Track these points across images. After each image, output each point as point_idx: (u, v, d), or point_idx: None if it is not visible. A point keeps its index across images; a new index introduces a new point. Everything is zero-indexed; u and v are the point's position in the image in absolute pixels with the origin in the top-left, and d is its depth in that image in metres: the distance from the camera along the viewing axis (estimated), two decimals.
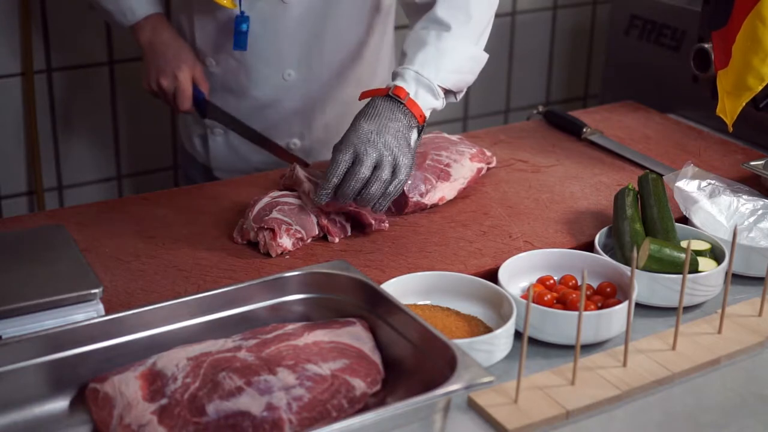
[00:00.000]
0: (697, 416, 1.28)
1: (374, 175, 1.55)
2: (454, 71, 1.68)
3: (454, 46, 1.68)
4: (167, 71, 1.90)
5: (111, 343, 1.24)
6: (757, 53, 1.70)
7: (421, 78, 1.64)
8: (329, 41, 1.94)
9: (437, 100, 1.66)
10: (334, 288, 1.35)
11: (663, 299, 1.48)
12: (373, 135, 1.56)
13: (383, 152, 1.55)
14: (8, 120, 2.32)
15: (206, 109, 1.95)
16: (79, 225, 1.65)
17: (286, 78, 1.95)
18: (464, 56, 1.70)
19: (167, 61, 1.90)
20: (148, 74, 1.93)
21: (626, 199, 1.62)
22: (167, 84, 1.90)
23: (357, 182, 1.54)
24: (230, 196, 1.78)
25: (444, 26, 1.68)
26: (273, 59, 1.93)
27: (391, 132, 1.58)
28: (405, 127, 1.60)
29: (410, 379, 1.23)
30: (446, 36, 1.68)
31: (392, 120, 1.59)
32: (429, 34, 1.68)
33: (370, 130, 1.57)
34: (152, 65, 1.92)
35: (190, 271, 1.53)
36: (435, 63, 1.65)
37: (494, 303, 1.42)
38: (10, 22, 2.25)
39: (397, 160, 1.57)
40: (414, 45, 1.68)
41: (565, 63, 3.03)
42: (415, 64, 1.65)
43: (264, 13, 1.87)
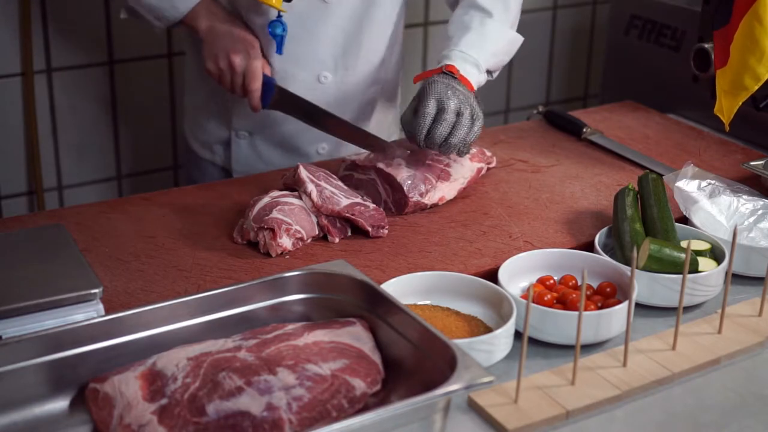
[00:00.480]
0: (697, 416, 1.28)
1: (458, 120, 1.69)
2: (495, 54, 1.86)
3: (496, 31, 1.86)
4: (239, 49, 1.82)
5: (111, 343, 1.24)
6: (753, 53, 1.70)
7: (466, 56, 1.80)
8: (365, 43, 1.94)
9: (481, 74, 1.83)
10: (334, 288, 1.34)
11: (663, 299, 1.48)
12: (450, 89, 1.71)
13: (462, 103, 1.71)
14: (8, 120, 2.32)
15: (272, 92, 1.84)
16: (79, 225, 1.65)
17: (322, 81, 1.94)
18: (504, 40, 1.88)
19: (237, 40, 1.83)
20: (215, 54, 1.84)
21: (626, 199, 1.62)
22: (239, 61, 1.81)
23: (445, 127, 1.68)
24: (230, 196, 1.78)
25: (486, 13, 1.86)
26: (310, 61, 1.91)
27: (460, 90, 1.73)
28: (467, 91, 1.75)
29: (410, 379, 1.23)
30: (489, 22, 1.86)
31: (456, 86, 1.74)
32: (472, 20, 1.86)
33: (445, 85, 1.71)
34: (219, 45, 1.83)
35: (190, 271, 1.53)
36: (479, 46, 1.83)
37: (494, 303, 1.42)
38: (10, 22, 2.25)
39: (473, 108, 1.72)
40: (459, 30, 1.85)
41: (565, 63, 3.03)
42: (461, 45, 1.82)
43: (303, 14, 1.85)
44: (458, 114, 1.69)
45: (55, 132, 2.38)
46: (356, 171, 1.78)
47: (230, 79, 1.84)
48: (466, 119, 1.69)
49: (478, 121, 1.71)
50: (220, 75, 1.85)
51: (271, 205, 1.60)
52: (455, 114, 1.69)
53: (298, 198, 1.64)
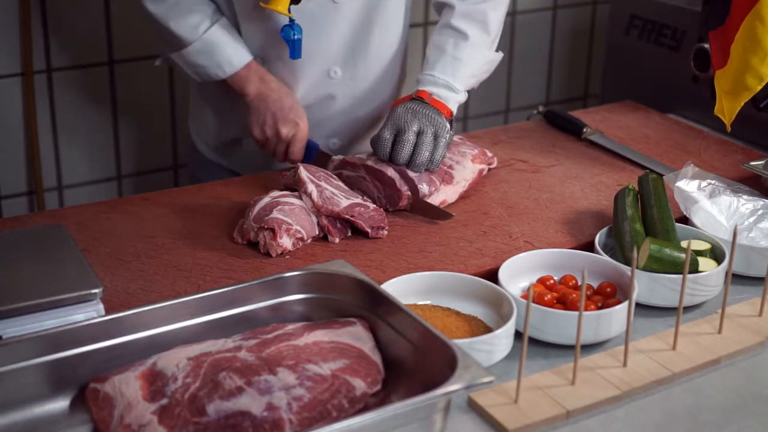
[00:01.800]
0: (697, 416, 1.28)
1: (419, 139, 1.73)
2: (470, 76, 1.87)
3: (471, 54, 1.85)
4: (289, 119, 1.85)
5: (111, 343, 1.24)
6: (756, 53, 1.70)
7: (437, 81, 1.82)
8: (375, 39, 1.94)
9: (458, 94, 1.84)
10: (334, 288, 1.34)
11: (663, 299, 1.48)
12: (411, 112, 1.75)
13: (423, 121, 1.75)
14: (8, 120, 2.32)
15: (313, 156, 1.90)
16: (79, 225, 1.65)
17: (332, 76, 1.94)
18: (480, 62, 1.88)
19: (286, 110, 1.86)
20: (262, 122, 1.86)
21: (626, 199, 1.62)
22: (286, 131, 1.85)
23: (406, 148, 1.72)
24: (230, 196, 1.78)
25: (461, 35, 1.86)
26: (320, 57, 1.91)
27: (427, 112, 1.77)
28: (437, 116, 1.78)
29: (410, 379, 1.23)
30: (463, 45, 1.85)
31: (425, 110, 1.78)
32: (447, 42, 1.86)
33: (406, 109, 1.76)
34: (268, 112, 1.86)
35: (190, 271, 1.53)
36: (452, 71, 1.83)
37: (494, 303, 1.42)
38: (10, 22, 2.25)
39: (437, 126, 1.75)
40: (434, 52, 1.87)
41: (565, 63, 3.03)
42: (435, 70, 1.83)
43: (313, 13, 1.85)
44: (419, 134, 1.74)
45: (55, 132, 2.38)
46: (345, 168, 1.78)
47: (274, 146, 1.88)
48: (427, 137, 1.73)
49: (442, 139, 1.75)
50: (264, 142, 1.88)
51: (272, 205, 1.60)
52: (415, 134, 1.73)
53: (298, 198, 1.64)
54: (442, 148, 1.75)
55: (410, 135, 1.73)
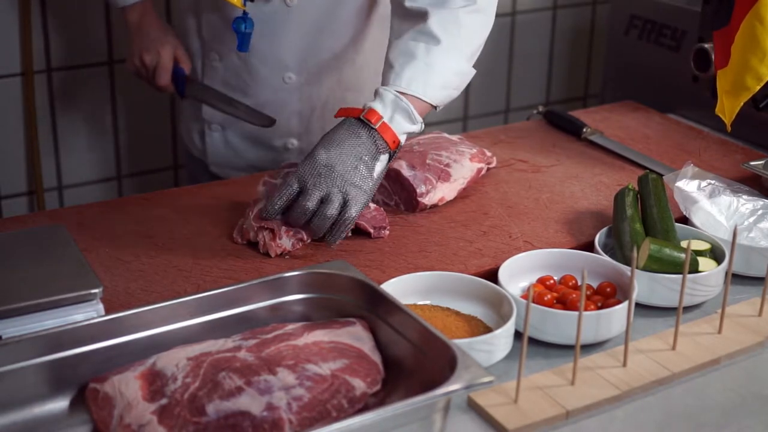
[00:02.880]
0: (697, 416, 1.28)
1: (320, 209, 1.53)
2: (442, 87, 1.65)
3: (443, 61, 1.64)
4: (150, 48, 1.97)
5: (111, 343, 1.24)
6: (755, 53, 1.70)
7: (400, 102, 1.59)
8: (330, 45, 1.94)
9: (414, 124, 1.61)
10: (334, 288, 1.34)
11: (663, 299, 1.48)
12: (325, 169, 1.53)
13: (331, 188, 1.53)
14: (8, 120, 2.32)
15: (185, 86, 2.00)
16: (79, 225, 1.65)
17: (287, 81, 1.95)
18: (452, 71, 1.66)
19: (151, 39, 1.98)
20: (132, 52, 2.01)
21: (626, 199, 1.62)
22: (149, 59, 1.97)
23: (302, 213, 1.53)
24: (230, 196, 1.78)
25: (434, 39, 1.64)
26: (274, 61, 1.93)
27: (351, 161, 1.54)
28: (370, 155, 1.56)
29: (410, 379, 1.23)
30: (435, 50, 1.63)
31: (357, 146, 1.56)
32: (418, 47, 1.64)
33: (324, 160, 1.53)
34: (136, 44, 2.00)
35: (190, 271, 1.53)
36: (423, 78, 1.62)
37: (494, 303, 1.42)
38: (10, 22, 2.25)
39: (347, 196, 1.53)
40: (402, 57, 1.64)
41: (565, 63, 3.03)
42: (402, 80, 1.61)
43: (267, 15, 1.86)
44: (322, 201, 1.53)
45: (55, 132, 2.38)
46: None
47: (145, 76, 2.01)
48: (329, 210, 1.52)
49: (349, 211, 1.53)
50: (137, 72, 2.02)
51: None
52: (315, 202, 1.53)
53: None
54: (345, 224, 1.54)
55: (309, 203, 1.52)
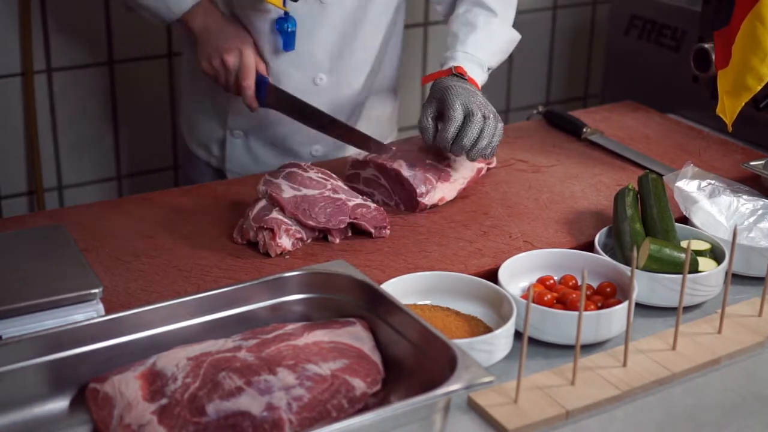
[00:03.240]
0: (697, 416, 1.28)
1: (485, 124, 1.71)
2: (497, 52, 1.92)
3: (500, 30, 1.91)
4: (232, 48, 1.84)
5: (111, 343, 1.24)
6: (756, 53, 1.70)
7: (472, 57, 1.85)
8: (360, 44, 1.94)
9: (485, 74, 1.88)
10: (334, 288, 1.34)
11: (663, 299, 1.48)
12: (469, 94, 1.73)
13: (482, 103, 1.74)
14: (8, 120, 2.32)
15: (266, 90, 1.86)
16: (79, 225, 1.65)
17: (318, 82, 1.93)
18: (507, 39, 1.94)
19: (229, 39, 1.85)
20: (208, 55, 1.86)
21: (626, 199, 1.62)
22: (232, 60, 1.84)
23: (474, 132, 1.69)
24: (230, 196, 1.78)
25: (491, 11, 1.91)
26: (307, 62, 1.91)
27: (477, 93, 1.76)
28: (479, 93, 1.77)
29: (410, 379, 1.23)
30: (494, 21, 1.90)
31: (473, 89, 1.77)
32: (477, 19, 1.89)
33: (463, 89, 1.74)
34: (212, 45, 1.86)
35: (190, 271, 1.53)
36: (485, 46, 1.87)
37: (494, 303, 1.42)
38: (10, 22, 2.25)
39: (494, 111, 1.75)
40: (464, 27, 1.89)
41: (565, 63, 3.03)
42: (467, 46, 1.86)
43: (299, 15, 1.85)
44: (485, 117, 1.71)
45: (55, 132, 2.38)
46: (362, 169, 1.78)
47: (225, 78, 1.86)
48: (491, 122, 1.71)
49: (500, 123, 1.74)
50: (215, 74, 1.87)
51: (271, 205, 1.60)
52: (482, 118, 1.70)
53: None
54: (500, 134, 1.73)
55: (478, 119, 1.70)
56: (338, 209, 1.61)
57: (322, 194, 1.63)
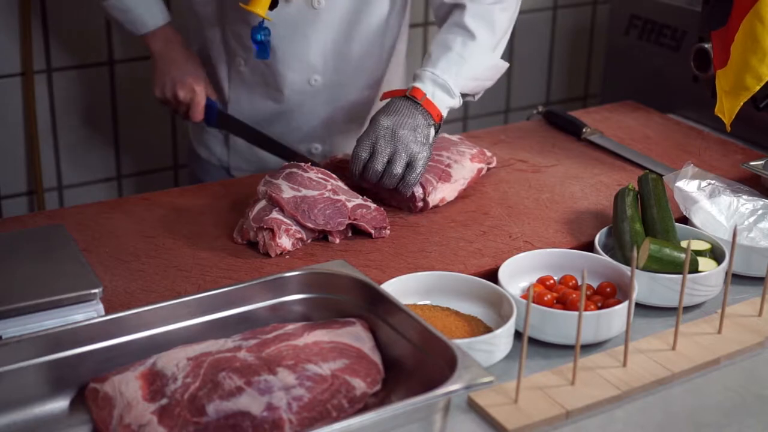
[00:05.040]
0: (697, 416, 1.28)
1: (387, 169, 1.67)
2: (473, 78, 1.81)
3: (477, 55, 1.80)
4: (185, 83, 1.94)
5: (111, 343, 1.24)
6: (755, 53, 1.70)
7: (437, 79, 1.75)
8: (356, 47, 1.94)
9: (453, 99, 1.77)
10: (334, 288, 1.34)
11: (663, 299, 1.48)
12: (389, 131, 1.68)
13: (398, 147, 1.67)
14: (8, 120, 2.32)
15: (217, 119, 1.98)
16: (79, 225, 1.65)
17: (312, 83, 1.94)
18: (485, 65, 1.83)
19: (184, 74, 1.95)
20: (162, 83, 1.97)
21: (626, 199, 1.62)
22: (184, 95, 1.94)
23: (373, 175, 1.68)
24: (230, 196, 1.78)
25: (469, 34, 1.80)
26: (300, 64, 1.92)
27: (408, 127, 1.69)
28: (423, 125, 1.71)
29: (410, 379, 1.23)
30: (471, 44, 1.79)
31: (410, 117, 1.70)
32: (455, 41, 1.79)
33: (387, 125, 1.69)
34: (167, 76, 1.96)
35: (190, 271, 1.53)
36: (456, 69, 1.77)
37: (494, 303, 1.42)
38: (10, 22, 2.25)
39: (412, 155, 1.68)
40: (439, 48, 1.80)
41: (565, 63, 3.03)
42: (437, 68, 1.76)
43: (294, 18, 1.86)
44: (389, 162, 1.67)
45: (55, 132, 2.38)
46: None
47: (174, 108, 1.98)
48: (395, 169, 1.66)
49: (416, 168, 1.67)
50: (165, 102, 1.99)
51: (271, 206, 1.60)
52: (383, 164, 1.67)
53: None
54: (415, 175, 1.68)
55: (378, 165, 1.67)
56: (337, 210, 1.61)
57: (322, 195, 1.63)
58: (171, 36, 1.98)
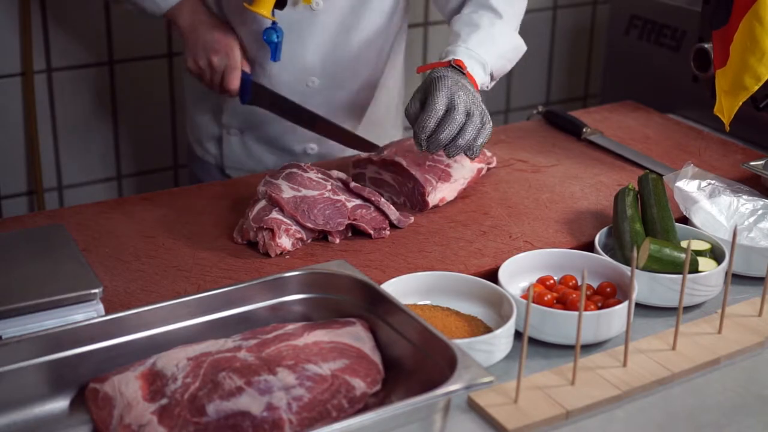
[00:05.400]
0: (697, 416, 1.28)
1: (468, 120, 1.60)
2: (502, 56, 1.82)
3: (505, 33, 1.82)
4: (219, 49, 1.86)
5: (111, 343, 1.24)
6: (754, 53, 1.70)
7: (472, 53, 1.74)
8: (354, 50, 1.94)
9: (486, 76, 1.77)
10: (334, 288, 1.34)
11: (663, 299, 1.48)
12: (461, 89, 1.62)
13: (472, 99, 1.62)
14: (8, 120, 2.32)
15: (250, 89, 1.89)
16: (79, 225, 1.65)
17: (310, 85, 1.94)
18: (511, 44, 1.85)
19: (217, 39, 1.86)
20: (195, 53, 1.88)
21: (626, 199, 1.62)
22: (218, 61, 1.85)
23: (453, 128, 1.59)
24: (230, 196, 1.78)
25: (497, 14, 1.82)
26: (298, 66, 1.91)
27: (470, 88, 1.65)
28: (475, 90, 1.67)
29: (410, 379, 1.23)
30: (499, 23, 1.81)
31: (464, 80, 1.66)
32: (482, 19, 1.80)
33: (453, 80, 1.62)
34: (199, 44, 1.87)
35: (190, 271, 1.53)
36: (488, 46, 1.77)
37: (494, 303, 1.42)
38: (10, 22, 2.25)
39: (483, 109, 1.64)
40: (467, 27, 1.79)
41: (565, 63, 3.03)
42: (469, 43, 1.75)
43: (291, 20, 1.85)
44: (468, 114, 1.60)
45: (55, 132, 2.38)
46: (365, 168, 1.78)
47: (210, 77, 1.89)
48: (476, 120, 1.60)
49: (488, 124, 1.63)
50: (200, 74, 1.89)
51: (271, 206, 1.60)
52: (465, 114, 1.59)
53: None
54: (487, 134, 1.62)
55: (459, 115, 1.58)
56: (337, 211, 1.61)
57: (322, 195, 1.63)
58: (196, 6, 1.90)
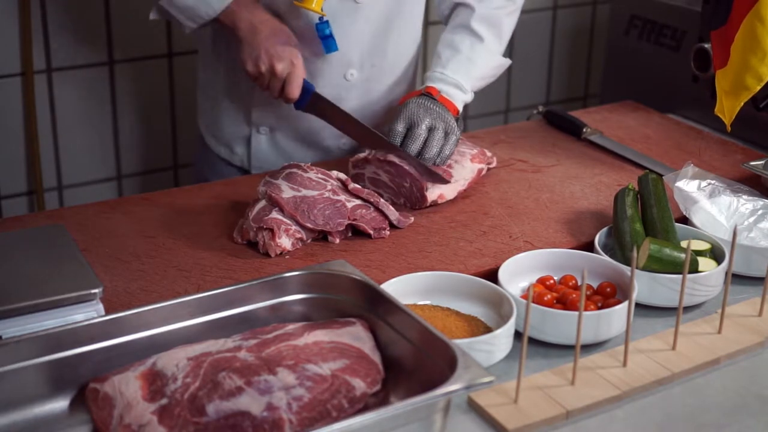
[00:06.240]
0: (697, 416, 1.28)
1: (431, 135, 1.76)
2: (481, 78, 1.93)
3: (484, 57, 1.92)
4: (283, 57, 1.79)
5: (111, 343, 1.24)
6: (755, 53, 1.70)
7: (448, 79, 1.87)
8: (393, 42, 1.95)
9: (466, 94, 1.89)
10: (334, 288, 1.34)
11: (663, 299, 1.48)
12: (421, 108, 1.79)
13: (435, 117, 1.78)
14: (8, 120, 2.32)
15: (309, 98, 1.83)
16: (79, 225, 1.65)
17: (348, 78, 1.94)
18: (490, 66, 1.94)
19: (280, 45, 1.81)
20: (256, 57, 1.80)
21: (626, 199, 1.62)
22: (282, 68, 1.78)
23: (417, 143, 1.76)
24: (230, 196, 1.78)
25: (478, 38, 1.91)
26: (337, 58, 1.90)
27: (435, 109, 1.80)
28: (444, 110, 1.81)
29: (410, 379, 1.23)
30: (479, 47, 1.91)
31: (434, 105, 1.81)
32: (463, 42, 1.91)
33: (417, 104, 1.79)
34: (262, 48, 1.80)
35: (190, 271, 1.53)
36: (465, 70, 1.89)
37: (494, 303, 1.42)
38: (10, 22, 2.25)
39: (447, 123, 1.78)
40: (448, 50, 1.91)
41: (565, 63, 3.03)
42: (447, 69, 1.88)
43: (334, 13, 1.84)
44: (430, 129, 1.77)
45: (55, 132, 2.38)
46: (364, 168, 1.78)
47: (269, 83, 1.81)
48: (438, 133, 1.76)
49: (452, 136, 1.78)
50: (258, 77, 1.82)
51: (271, 206, 1.60)
52: (427, 130, 1.76)
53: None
54: (452, 145, 1.78)
55: (421, 130, 1.76)
56: (337, 211, 1.61)
57: (322, 195, 1.63)
58: (253, 6, 1.83)
